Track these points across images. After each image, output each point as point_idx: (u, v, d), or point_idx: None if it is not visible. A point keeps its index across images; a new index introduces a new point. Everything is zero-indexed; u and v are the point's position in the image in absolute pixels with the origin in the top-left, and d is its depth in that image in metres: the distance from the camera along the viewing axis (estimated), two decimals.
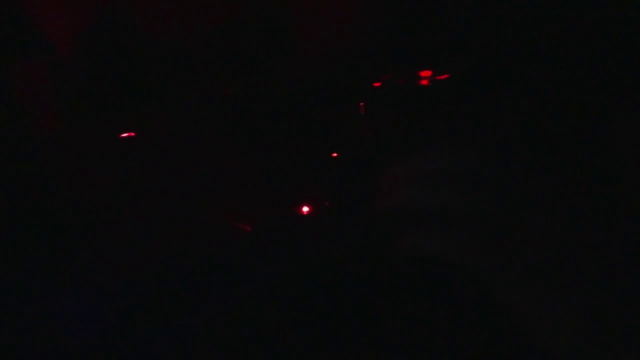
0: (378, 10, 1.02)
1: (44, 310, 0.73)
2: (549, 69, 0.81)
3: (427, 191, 0.50)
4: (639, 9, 0.71)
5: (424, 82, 0.90)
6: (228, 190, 0.79)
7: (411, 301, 0.64)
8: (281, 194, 0.74)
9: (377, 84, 1.01)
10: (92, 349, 0.69)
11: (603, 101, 0.75)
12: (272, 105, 0.90)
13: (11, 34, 0.88)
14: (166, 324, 0.69)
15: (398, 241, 0.48)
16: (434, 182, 0.49)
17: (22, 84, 0.92)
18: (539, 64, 0.81)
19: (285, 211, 0.71)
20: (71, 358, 0.67)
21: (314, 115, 0.84)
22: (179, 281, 0.73)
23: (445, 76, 0.87)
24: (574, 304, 0.42)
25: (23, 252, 0.79)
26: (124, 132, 0.93)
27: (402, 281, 0.64)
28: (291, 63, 0.97)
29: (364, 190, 0.71)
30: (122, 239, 0.82)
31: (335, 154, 0.73)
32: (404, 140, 0.82)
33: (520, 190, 0.48)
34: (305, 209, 0.73)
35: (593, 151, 0.70)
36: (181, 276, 0.73)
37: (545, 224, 0.47)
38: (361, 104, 0.97)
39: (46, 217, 0.85)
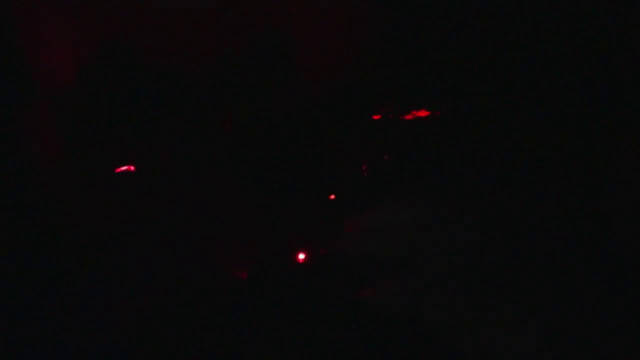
0: (379, 42, 1.02)
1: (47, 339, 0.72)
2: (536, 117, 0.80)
3: (390, 242, 0.51)
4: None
5: (411, 118, 0.88)
6: (225, 234, 0.78)
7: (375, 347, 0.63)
8: (278, 241, 0.72)
9: (376, 117, 1.00)
10: None
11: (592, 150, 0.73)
12: (271, 140, 0.89)
13: (14, 72, 0.88)
14: None
15: (363, 291, 0.49)
16: (398, 233, 0.51)
17: (25, 118, 0.92)
18: (526, 112, 0.80)
19: (282, 259, 0.70)
20: None
21: (313, 150, 0.83)
22: (174, 321, 0.72)
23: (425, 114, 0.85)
24: (529, 343, 0.44)
25: (24, 277, 0.79)
26: (123, 166, 0.92)
27: (367, 329, 0.63)
28: (291, 96, 0.97)
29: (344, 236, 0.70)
30: (120, 275, 0.81)
31: (332, 196, 0.71)
32: (380, 185, 0.80)
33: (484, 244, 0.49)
34: (302, 256, 0.72)
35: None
36: (176, 317, 0.72)
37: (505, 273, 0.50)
38: (360, 137, 0.96)
39: (49, 248, 0.84)
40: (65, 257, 0.85)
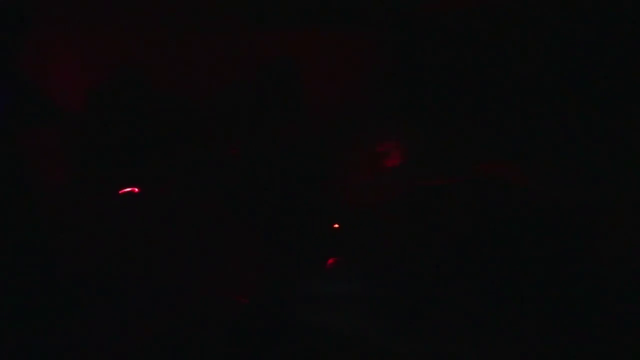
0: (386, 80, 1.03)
1: None
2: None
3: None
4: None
5: None
6: (227, 257, 0.78)
7: None
8: (281, 266, 0.72)
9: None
10: None
11: None
12: (276, 168, 0.90)
13: (24, 97, 0.89)
14: None
15: None
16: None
17: (34, 142, 0.93)
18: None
19: (284, 286, 0.70)
20: None
21: (317, 179, 0.83)
22: (175, 348, 0.71)
23: None
24: None
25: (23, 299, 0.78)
26: (127, 187, 0.92)
27: None
28: (298, 126, 0.98)
29: None
30: (121, 302, 0.80)
31: (336, 225, 0.71)
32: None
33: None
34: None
35: None
36: (177, 343, 0.72)
37: None
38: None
39: (50, 274, 0.84)
40: (65, 277, 0.85)
